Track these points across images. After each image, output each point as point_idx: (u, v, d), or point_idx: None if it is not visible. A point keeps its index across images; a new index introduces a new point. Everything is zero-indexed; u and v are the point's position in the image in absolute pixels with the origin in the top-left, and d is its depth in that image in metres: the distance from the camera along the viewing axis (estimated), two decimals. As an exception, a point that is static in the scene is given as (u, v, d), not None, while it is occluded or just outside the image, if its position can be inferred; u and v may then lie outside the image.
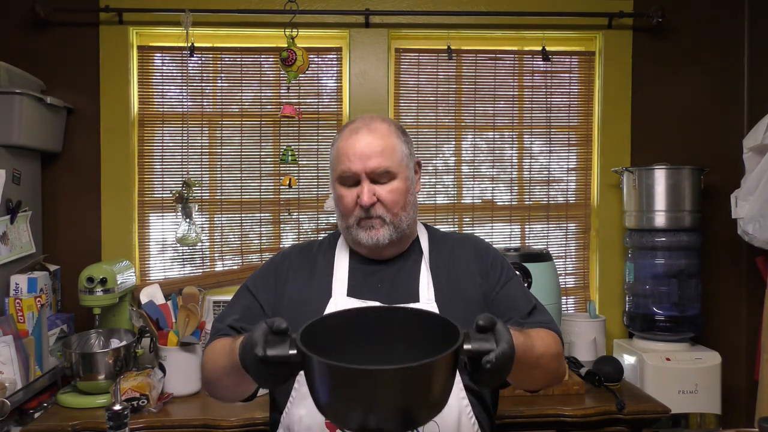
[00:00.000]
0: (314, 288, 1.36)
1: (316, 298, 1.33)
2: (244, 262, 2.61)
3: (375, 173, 1.31)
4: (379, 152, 1.31)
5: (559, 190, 2.72)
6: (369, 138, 1.32)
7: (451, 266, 1.38)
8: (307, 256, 1.44)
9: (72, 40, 2.49)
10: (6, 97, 2.12)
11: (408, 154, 1.38)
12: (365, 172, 1.31)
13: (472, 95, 2.67)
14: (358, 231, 1.33)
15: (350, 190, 1.33)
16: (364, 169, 1.31)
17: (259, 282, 1.42)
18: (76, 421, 1.83)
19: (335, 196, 1.38)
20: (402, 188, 1.34)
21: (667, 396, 2.12)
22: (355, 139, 1.33)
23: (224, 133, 2.60)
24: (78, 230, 2.51)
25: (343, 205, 1.35)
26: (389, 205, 1.32)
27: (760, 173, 2.21)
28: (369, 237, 1.32)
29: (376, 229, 1.32)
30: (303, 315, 1.30)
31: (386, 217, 1.32)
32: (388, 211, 1.32)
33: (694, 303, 2.42)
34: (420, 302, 1.30)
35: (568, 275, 2.71)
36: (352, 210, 1.33)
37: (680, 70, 2.67)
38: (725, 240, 2.60)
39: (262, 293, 1.39)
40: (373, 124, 1.35)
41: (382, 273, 1.37)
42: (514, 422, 1.91)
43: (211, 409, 1.92)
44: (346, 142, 1.33)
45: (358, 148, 1.31)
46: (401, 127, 1.41)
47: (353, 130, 1.35)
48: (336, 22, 2.57)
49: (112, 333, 2.16)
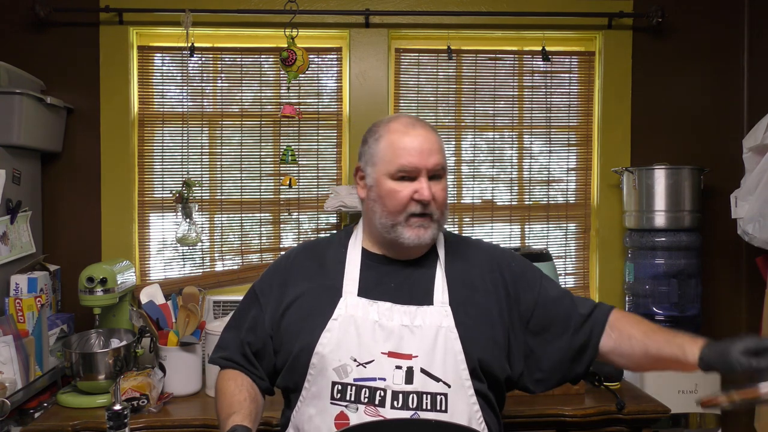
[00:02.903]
0: (324, 288, 1.34)
1: (326, 299, 1.32)
2: (244, 262, 2.61)
3: (434, 170, 1.30)
4: (438, 149, 1.32)
5: (559, 190, 2.72)
6: (427, 135, 1.32)
7: (467, 272, 1.36)
8: (316, 256, 1.42)
9: (72, 40, 2.49)
10: (6, 97, 2.12)
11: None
12: (426, 168, 1.29)
13: (472, 95, 2.67)
14: (405, 229, 1.31)
15: (405, 186, 1.30)
16: (425, 165, 1.29)
17: (266, 285, 1.42)
18: (76, 421, 1.83)
19: (383, 191, 1.32)
20: (446, 188, 1.35)
21: (667, 396, 2.11)
22: (415, 135, 1.31)
23: (224, 133, 2.60)
24: (78, 230, 2.51)
25: (397, 201, 1.30)
26: (440, 203, 1.32)
27: (760, 173, 2.21)
28: (416, 236, 1.30)
29: (425, 228, 1.31)
30: (311, 315, 1.31)
31: (436, 214, 1.31)
32: (438, 209, 1.32)
33: (694, 303, 2.42)
34: (434, 305, 1.29)
35: (568, 275, 2.71)
36: (406, 206, 1.30)
37: (680, 70, 2.67)
38: (725, 240, 2.60)
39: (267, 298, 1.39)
40: (422, 122, 1.35)
41: (396, 274, 1.35)
42: (514, 422, 1.90)
43: (211, 409, 1.90)
44: (403, 137, 1.31)
45: (418, 144, 1.30)
46: None
47: (407, 125, 1.33)
48: (336, 22, 2.57)
49: (112, 333, 2.16)
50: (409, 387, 1.22)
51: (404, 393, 1.22)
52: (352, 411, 1.22)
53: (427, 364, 1.24)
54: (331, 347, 1.26)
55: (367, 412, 1.21)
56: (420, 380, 1.23)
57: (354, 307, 1.29)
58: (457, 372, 1.24)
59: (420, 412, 1.21)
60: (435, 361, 1.24)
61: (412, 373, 1.23)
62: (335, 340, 1.26)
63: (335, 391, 1.24)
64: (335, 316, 1.28)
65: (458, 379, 1.24)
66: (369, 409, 1.21)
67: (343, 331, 1.26)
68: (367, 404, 1.22)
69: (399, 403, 1.21)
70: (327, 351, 1.25)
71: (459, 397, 1.24)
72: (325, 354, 1.25)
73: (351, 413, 1.22)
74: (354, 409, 1.22)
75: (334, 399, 1.24)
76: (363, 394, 1.22)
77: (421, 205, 1.30)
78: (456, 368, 1.25)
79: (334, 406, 1.23)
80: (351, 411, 1.22)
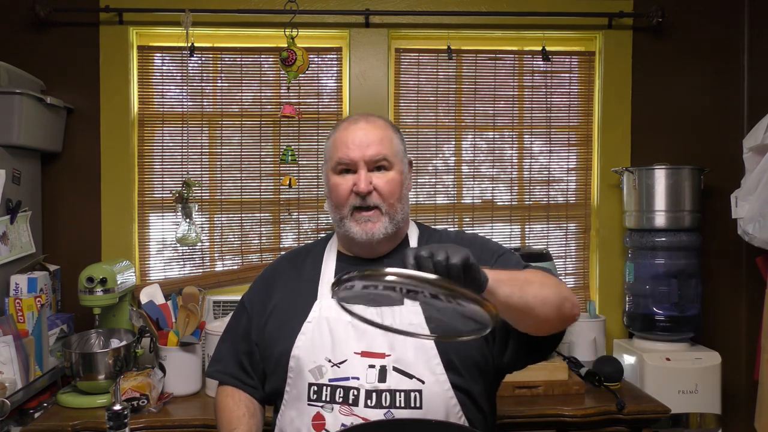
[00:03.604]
0: (301, 292, 1.37)
1: (302, 302, 1.34)
2: (244, 262, 2.61)
3: (373, 161, 1.32)
4: (378, 141, 1.33)
5: (559, 190, 2.72)
6: (368, 127, 1.34)
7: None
8: (296, 262, 1.45)
9: (72, 40, 2.49)
10: (6, 97, 2.12)
11: (403, 150, 1.40)
12: (363, 160, 1.31)
13: (472, 95, 2.67)
14: (352, 224, 1.33)
15: (345, 179, 1.33)
16: (362, 156, 1.31)
17: (254, 294, 1.46)
18: (76, 421, 1.83)
19: (329, 187, 1.37)
20: (397, 180, 1.35)
21: (667, 396, 2.12)
22: (354, 129, 1.34)
23: (224, 133, 2.60)
24: (78, 230, 2.51)
25: (338, 194, 1.34)
26: (385, 194, 1.32)
27: (760, 173, 2.21)
28: (363, 231, 1.32)
29: (372, 222, 1.31)
30: (288, 320, 1.33)
31: (382, 206, 1.32)
32: (384, 201, 1.32)
33: (694, 303, 2.42)
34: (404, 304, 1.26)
35: (568, 275, 2.71)
36: (347, 199, 1.33)
37: (680, 70, 2.66)
38: (725, 240, 2.60)
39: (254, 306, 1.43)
40: (370, 117, 1.39)
41: None
42: (514, 422, 1.91)
43: (211, 409, 1.91)
44: (344, 132, 1.35)
45: (357, 137, 1.32)
46: (396, 126, 1.43)
47: (351, 121, 1.37)
48: (336, 22, 2.57)
49: (112, 333, 2.16)
50: (382, 385, 1.23)
51: (377, 391, 1.23)
52: (327, 411, 1.23)
53: (400, 362, 1.24)
54: (306, 349, 1.28)
55: (342, 412, 1.22)
56: (393, 378, 1.23)
57: (328, 309, 1.30)
58: (431, 367, 1.25)
59: (393, 409, 1.22)
60: (407, 358, 1.25)
61: (386, 372, 1.24)
62: (309, 342, 1.28)
63: (312, 392, 1.26)
64: (309, 318, 1.31)
65: (432, 374, 1.24)
66: (343, 408, 1.23)
67: (318, 333, 1.28)
68: (342, 404, 1.23)
69: (372, 402, 1.22)
70: (302, 353, 1.28)
71: (434, 393, 1.24)
72: (300, 356, 1.28)
73: (327, 413, 1.23)
74: (329, 409, 1.23)
75: (311, 400, 1.25)
76: (338, 394, 1.24)
77: (360, 197, 1.31)
78: (429, 363, 1.25)
79: (311, 407, 1.25)
80: (327, 411, 1.23)
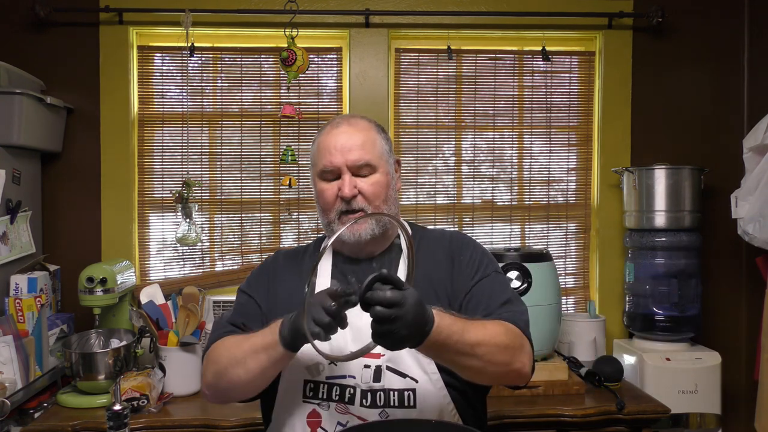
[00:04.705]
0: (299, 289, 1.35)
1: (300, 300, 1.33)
2: (244, 262, 2.61)
3: (356, 166, 1.32)
4: (360, 145, 1.33)
5: (559, 190, 2.72)
6: (350, 131, 1.34)
7: (426, 262, 1.35)
8: (295, 261, 1.45)
9: (72, 40, 2.49)
10: (6, 97, 2.12)
11: (388, 150, 1.39)
12: (346, 165, 1.32)
13: (472, 95, 2.67)
14: (339, 227, 1.32)
15: (331, 184, 1.34)
16: (345, 162, 1.31)
17: (252, 282, 1.45)
18: (76, 421, 1.83)
19: (316, 192, 1.38)
20: (383, 181, 1.35)
21: (667, 396, 2.12)
22: (336, 133, 1.34)
23: (224, 133, 2.60)
24: (78, 230, 2.51)
25: (324, 200, 1.35)
26: (370, 197, 1.33)
27: (760, 173, 2.21)
28: (351, 233, 1.32)
29: (358, 223, 1.32)
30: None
31: (368, 209, 1.32)
32: (370, 204, 1.33)
33: (694, 303, 2.42)
34: None
35: (568, 275, 2.71)
36: (333, 204, 1.34)
37: (680, 70, 2.67)
38: (725, 240, 2.60)
39: (256, 292, 1.41)
40: (352, 119, 1.38)
41: (363, 273, 1.34)
42: (514, 422, 1.91)
43: (211, 409, 1.92)
44: (326, 136, 1.35)
45: (339, 142, 1.32)
46: (381, 125, 1.43)
47: (334, 125, 1.37)
48: (336, 22, 2.57)
49: (112, 333, 2.16)
50: (377, 385, 1.24)
51: (372, 391, 1.24)
52: (323, 409, 1.25)
53: (394, 362, 1.25)
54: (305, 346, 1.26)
55: (338, 410, 1.24)
56: (388, 378, 1.24)
57: None
58: (424, 366, 1.26)
59: (387, 409, 1.23)
60: (401, 358, 1.25)
61: (380, 372, 1.25)
62: None
63: (308, 389, 1.26)
64: None
65: (425, 373, 1.26)
66: (339, 406, 1.24)
67: None
68: (338, 402, 1.24)
69: (368, 402, 1.23)
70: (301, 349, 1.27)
71: (428, 392, 1.25)
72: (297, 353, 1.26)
73: (323, 411, 1.24)
74: (326, 407, 1.25)
75: (307, 397, 1.26)
76: (334, 392, 1.25)
77: (345, 202, 1.32)
78: (422, 363, 1.26)
79: (307, 404, 1.26)
80: (323, 409, 1.25)
